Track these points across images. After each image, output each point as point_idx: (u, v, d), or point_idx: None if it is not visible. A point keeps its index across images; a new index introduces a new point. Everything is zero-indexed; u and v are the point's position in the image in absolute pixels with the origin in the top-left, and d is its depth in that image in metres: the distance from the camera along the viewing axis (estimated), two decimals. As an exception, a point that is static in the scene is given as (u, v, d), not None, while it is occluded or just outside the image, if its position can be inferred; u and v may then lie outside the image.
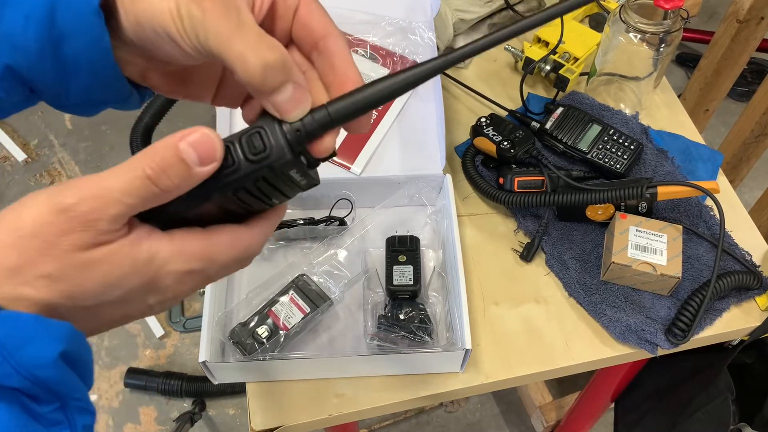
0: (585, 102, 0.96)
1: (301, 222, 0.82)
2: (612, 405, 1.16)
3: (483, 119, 0.90)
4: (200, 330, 0.70)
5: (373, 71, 0.90)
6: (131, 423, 1.64)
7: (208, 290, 0.73)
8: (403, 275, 0.77)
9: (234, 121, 0.84)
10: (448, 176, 0.83)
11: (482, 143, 0.89)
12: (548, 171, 0.85)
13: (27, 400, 0.31)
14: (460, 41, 1.03)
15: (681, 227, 0.81)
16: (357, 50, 0.91)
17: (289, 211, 0.86)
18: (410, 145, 0.87)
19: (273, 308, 0.74)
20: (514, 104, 0.99)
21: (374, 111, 0.91)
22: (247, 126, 0.36)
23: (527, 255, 0.84)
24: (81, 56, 0.35)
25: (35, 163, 2.09)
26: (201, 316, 0.72)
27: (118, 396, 1.67)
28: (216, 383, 0.74)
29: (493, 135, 0.88)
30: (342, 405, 0.73)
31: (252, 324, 0.73)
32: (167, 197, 0.33)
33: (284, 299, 0.74)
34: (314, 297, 0.74)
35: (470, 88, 1.00)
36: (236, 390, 1.66)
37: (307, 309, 0.74)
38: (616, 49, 0.90)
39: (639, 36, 0.87)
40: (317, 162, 0.38)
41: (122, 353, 1.73)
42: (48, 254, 0.31)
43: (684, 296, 0.80)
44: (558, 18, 0.32)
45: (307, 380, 0.74)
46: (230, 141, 0.35)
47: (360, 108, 0.35)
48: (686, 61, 2.29)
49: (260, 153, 0.34)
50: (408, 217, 0.85)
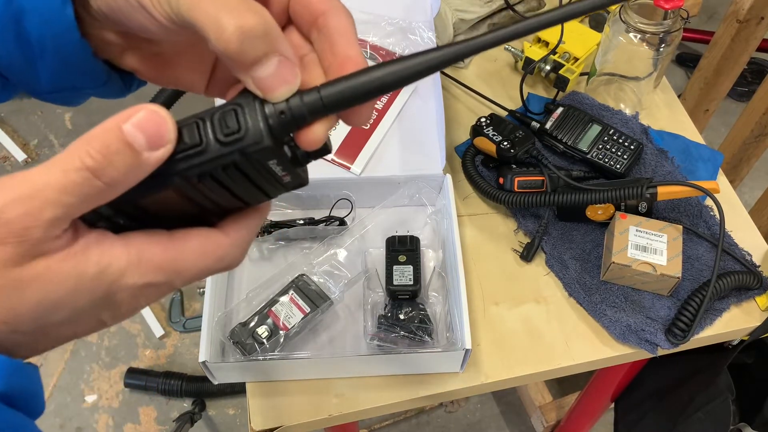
0: (585, 102, 0.96)
1: (301, 222, 0.82)
2: (612, 405, 1.16)
3: (483, 119, 0.90)
4: (200, 330, 0.70)
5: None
6: (131, 423, 1.64)
7: (208, 290, 0.73)
8: (403, 275, 0.77)
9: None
10: (448, 176, 0.83)
11: (482, 143, 0.89)
12: (548, 171, 0.85)
13: None
14: (460, 41, 1.03)
15: (681, 227, 0.81)
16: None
17: (289, 211, 0.86)
18: (410, 145, 0.87)
19: (273, 308, 0.74)
20: (514, 104, 0.99)
21: (375, 109, 0.92)
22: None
23: (527, 255, 0.84)
24: (44, 32, 0.32)
25: (35, 163, 2.09)
26: (201, 316, 0.72)
27: (118, 396, 1.67)
28: (216, 383, 0.74)
29: (493, 135, 0.88)
30: (342, 405, 0.73)
31: (252, 324, 0.73)
32: (114, 192, 0.28)
33: (284, 299, 0.74)
34: (314, 297, 0.74)
35: (470, 88, 1.00)
36: (236, 390, 1.66)
37: (307, 309, 0.74)
38: (616, 49, 0.90)
39: (639, 36, 0.87)
40: (306, 157, 0.32)
41: (122, 353, 1.73)
42: None
43: (684, 296, 0.80)
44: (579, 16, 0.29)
45: (307, 380, 0.74)
46: (200, 117, 0.29)
47: (359, 94, 0.30)
48: (686, 61, 2.29)
49: (233, 134, 0.29)
50: (408, 217, 0.85)
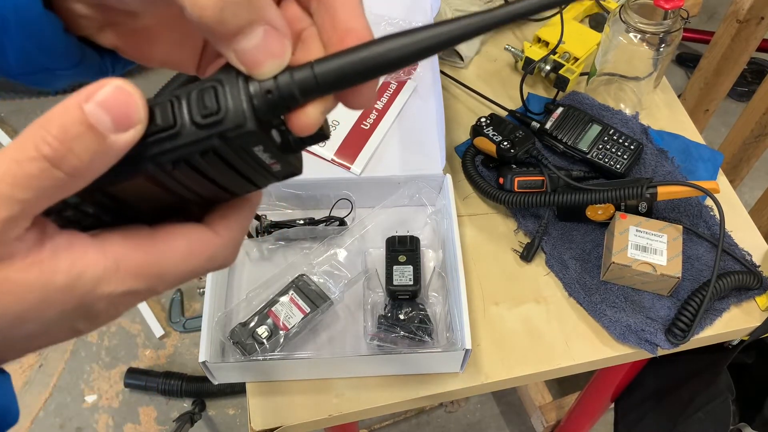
0: (585, 102, 0.96)
1: (301, 222, 0.82)
2: (612, 405, 1.16)
3: (483, 119, 0.90)
4: (200, 330, 0.70)
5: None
6: (131, 423, 1.64)
7: (208, 290, 0.73)
8: (403, 275, 0.77)
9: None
10: (448, 176, 0.83)
11: (482, 143, 0.89)
12: (548, 171, 0.85)
13: None
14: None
15: (681, 227, 0.81)
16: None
17: (289, 211, 0.86)
18: (410, 145, 0.87)
19: (273, 308, 0.74)
20: (514, 104, 0.99)
21: (375, 109, 0.92)
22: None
23: (527, 255, 0.84)
24: (4, 4, 0.29)
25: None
26: (201, 316, 0.72)
27: (118, 396, 1.67)
28: (216, 383, 0.74)
29: (493, 135, 0.88)
30: (342, 405, 0.73)
31: (252, 324, 0.73)
32: (79, 183, 0.24)
33: (284, 299, 0.74)
34: (314, 297, 0.74)
35: (470, 88, 1.00)
36: (236, 390, 1.66)
37: (307, 309, 0.74)
38: (616, 49, 0.90)
39: (639, 36, 0.87)
40: (300, 143, 0.28)
41: (122, 353, 1.73)
42: None
43: (684, 296, 0.80)
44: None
45: (307, 380, 0.74)
46: (176, 95, 0.25)
47: (359, 72, 0.25)
48: (686, 61, 2.29)
49: (211, 115, 0.25)
50: (408, 217, 0.85)
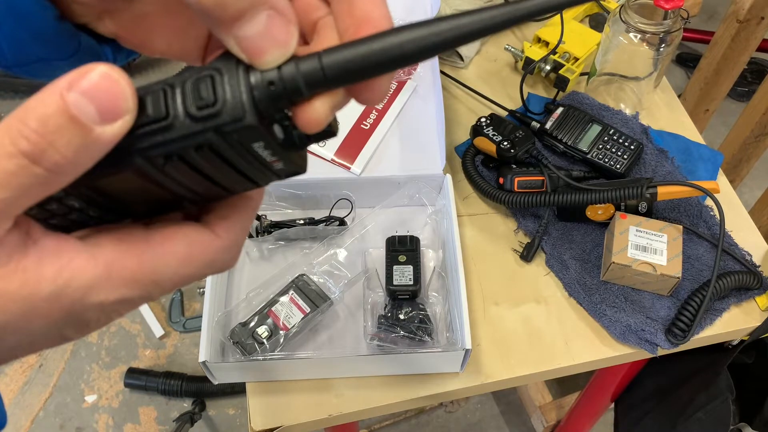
0: (585, 102, 0.96)
1: (301, 222, 0.82)
2: (612, 405, 1.16)
3: (483, 119, 0.90)
4: (200, 330, 0.70)
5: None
6: (131, 423, 1.64)
7: (208, 290, 0.73)
8: (403, 275, 0.77)
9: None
10: (448, 176, 0.83)
11: (482, 143, 0.89)
12: (548, 171, 0.85)
13: None
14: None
15: (681, 227, 0.81)
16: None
17: (289, 211, 0.86)
18: (410, 145, 0.87)
19: (273, 308, 0.74)
20: (514, 104, 0.99)
21: (375, 109, 0.92)
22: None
23: (527, 255, 0.84)
24: None
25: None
26: (201, 316, 0.72)
27: (118, 396, 1.67)
28: (216, 383, 0.74)
29: (493, 135, 0.88)
30: (342, 405, 0.73)
31: (252, 324, 0.73)
32: (62, 180, 0.22)
33: (284, 299, 0.74)
34: (314, 297, 0.75)
35: (470, 88, 1.00)
36: (236, 390, 1.66)
37: (307, 309, 0.74)
38: (617, 49, 0.90)
39: (639, 36, 0.87)
40: (305, 140, 0.26)
41: (122, 353, 1.73)
42: None
43: (684, 296, 0.80)
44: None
45: (307, 380, 0.74)
46: (169, 83, 0.23)
47: (371, 65, 0.23)
48: (686, 61, 2.29)
49: (207, 107, 0.23)
50: (408, 217, 0.85)
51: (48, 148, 0.21)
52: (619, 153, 0.87)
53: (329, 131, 0.26)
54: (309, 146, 0.27)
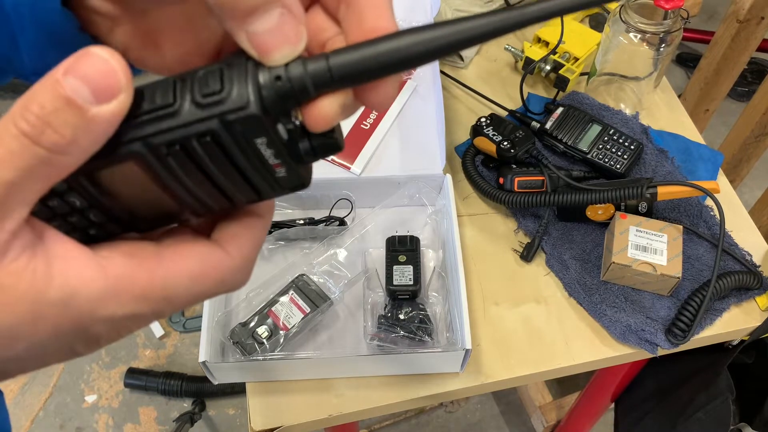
0: (585, 102, 0.96)
1: (301, 222, 0.82)
2: (612, 405, 1.16)
3: (483, 119, 0.90)
4: (200, 330, 0.70)
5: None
6: (131, 423, 1.64)
7: (208, 290, 0.73)
8: (403, 275, 0.77)
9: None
10: (448, 176, 0.83)
11: (482, 143, 0.89)
12: (548, 171, 0.85)
13: None
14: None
15: (681, 227, 0.81)
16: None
17: (289, 211, 0.86)
18: (410, 145, 0.87)
19: (273, 308, 0.74)
20: (514, 104, 0.99)
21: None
22: None
23: (527, 255, 0.84)
24: (20, 0, 0.28)
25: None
26: (201, 316, 0.72)
27: (118, 396, 1.67)
28: (216, 383, 0.74)
29: (493, 135, 0.88)
30: (342, 405, 0.73)
31: (252, 324, 0.73)
32: (65, 161, 0.22)
33: (284, 299, 0.74)
34: (314, 297, 0.74)
35: (470, 88, 1.00)
36: (236, 390, 1.66)
37: (307, 309, 0.74)
38: (617, 49, 0.90)
39: (639, 36, 0.87)
40: (311, 152, 0.26)
41: (122, 353, 1.73)
42: None
43: (684, 296, 0.80)
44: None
45: (307, 380, 0.74)
46: (181, 77, 0.25)
47: (378, 66, 0.24)
48: (686, 61, 2.29)
49: (213, 95, 0.23)
50: (408, 217, 0.85)
51: (46, 129, 0.21)
52: (619, 153, 0.87)
53: (335, 145, 0.26)
54: (314, 160, 0.27)
